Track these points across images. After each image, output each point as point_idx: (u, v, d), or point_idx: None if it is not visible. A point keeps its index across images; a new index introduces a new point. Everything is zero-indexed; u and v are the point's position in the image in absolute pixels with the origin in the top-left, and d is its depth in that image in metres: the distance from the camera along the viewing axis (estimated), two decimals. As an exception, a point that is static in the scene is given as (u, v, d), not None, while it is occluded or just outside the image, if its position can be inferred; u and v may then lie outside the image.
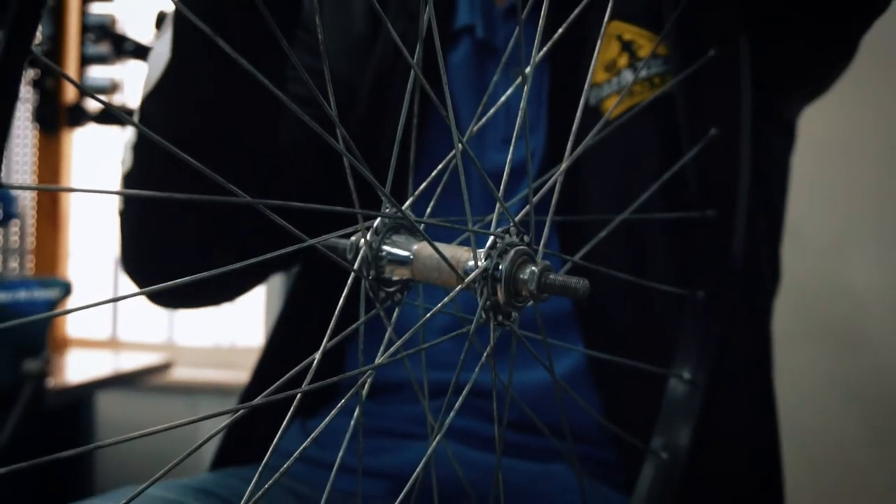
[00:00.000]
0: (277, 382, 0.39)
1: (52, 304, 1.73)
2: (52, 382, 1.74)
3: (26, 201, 2.39)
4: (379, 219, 0.44)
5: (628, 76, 0.78)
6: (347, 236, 0.45)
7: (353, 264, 0.43)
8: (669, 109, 0.74)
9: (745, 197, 0.67)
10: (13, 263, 2.45)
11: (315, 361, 0.41)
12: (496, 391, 0.47)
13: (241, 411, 0.39)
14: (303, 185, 0.84)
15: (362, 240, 0.44)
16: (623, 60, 0.79)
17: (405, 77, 0.83)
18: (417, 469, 0.42)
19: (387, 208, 0.44)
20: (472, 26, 0.85)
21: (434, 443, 0.43)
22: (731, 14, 0.64)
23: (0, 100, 0.29)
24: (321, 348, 0.41)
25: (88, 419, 2.17)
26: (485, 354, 0.43)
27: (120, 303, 2.48)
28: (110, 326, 2.49)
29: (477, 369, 0.44)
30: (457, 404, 0.44)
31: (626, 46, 0.79)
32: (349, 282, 0.43)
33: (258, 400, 0.38)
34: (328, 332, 0.41)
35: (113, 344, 2.42)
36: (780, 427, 0.84)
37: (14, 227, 2.48)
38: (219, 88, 0.74)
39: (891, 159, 1.56)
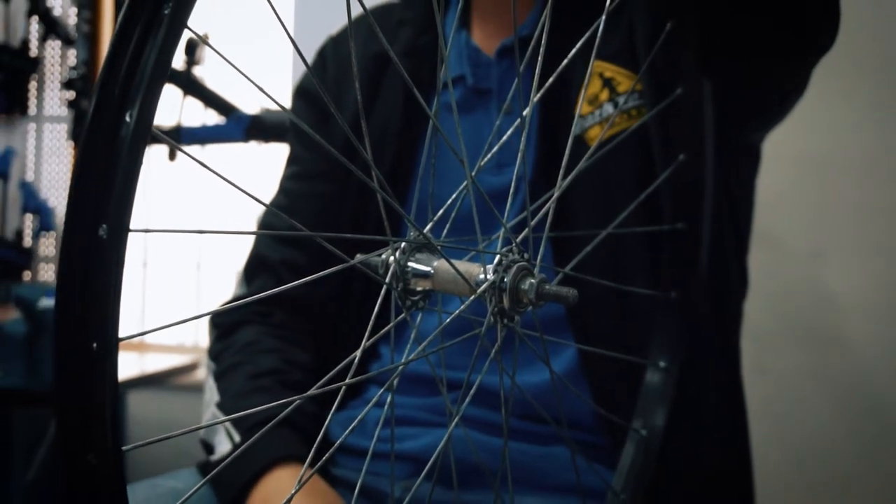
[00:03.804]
0: (325, 377, 0.49)
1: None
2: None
3: (62, 213, 2.49)
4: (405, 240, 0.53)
5: (609, 108, 0.89)
6: (380, 256, 0.54)
7: (385, 278, 0.53)
8: (644, 138, 0.85)
9: (710, 211, 0.77)
10: (51, 272, 2.56)
11: (356, 359, 0.50)
12: (502, 385, 0.57)
13: (296, 402, 0.48)
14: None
15: (391, 258, 0.53)
16: (604, 95, 0.90)
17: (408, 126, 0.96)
18: (440, 446, 0.52)
19: (411, 232, 0.54)
20: (462, 76, 0.96)
21: (452, 425, 0.53)
22: (693, 58, 0.74)
23: (130, 162, 0.37)
24: (361, 347, 0.50)
25: (119, 417, 2.25)
26: (493, 351, 0.53)
27: (147, 306, 2.56)
28: (138, 329, 2.56)
29: (486, 366, 0.54)
30: (471, 393, 0.53)
31: (607, 83, 0.90)
32: (382, 292, 0.53)
33: (311, 392, 0.47)
34: (367, 332, 0.51)
35: (140, 346, 2.48)
36: (753, 415, 0.93)
37: (51, 237, 2.60)
38: None
39: (869, 171, 1.61)
